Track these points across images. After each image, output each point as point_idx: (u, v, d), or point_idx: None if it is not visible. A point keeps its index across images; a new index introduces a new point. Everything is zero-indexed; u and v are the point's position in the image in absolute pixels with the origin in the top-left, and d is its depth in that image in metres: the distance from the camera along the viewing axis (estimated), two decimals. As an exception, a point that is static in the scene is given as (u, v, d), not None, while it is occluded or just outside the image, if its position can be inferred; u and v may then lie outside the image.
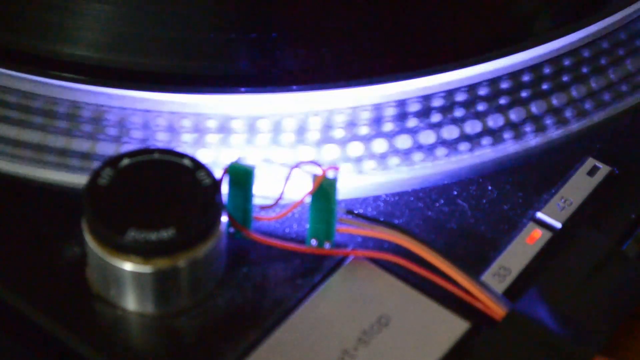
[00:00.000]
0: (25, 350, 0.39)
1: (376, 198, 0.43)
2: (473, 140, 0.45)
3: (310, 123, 0.43)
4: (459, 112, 0.45)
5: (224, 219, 0.38)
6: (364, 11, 0.46)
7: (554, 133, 0.45)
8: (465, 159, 0.44)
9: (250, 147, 0.43)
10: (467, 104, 0.45)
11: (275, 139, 0.43)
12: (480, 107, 0.45)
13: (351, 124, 0.44)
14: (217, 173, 0.39)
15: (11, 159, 0.43)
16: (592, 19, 0.47)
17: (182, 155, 0.39)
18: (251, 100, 0.43)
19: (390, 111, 0.44)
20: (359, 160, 0.43)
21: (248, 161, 0.39)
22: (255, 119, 0.43)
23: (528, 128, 0.45)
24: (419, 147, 0.44)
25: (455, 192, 0.43)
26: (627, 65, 0.48)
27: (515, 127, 0.45)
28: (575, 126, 0.46)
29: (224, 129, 0.43)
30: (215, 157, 0.43)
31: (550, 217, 0.42)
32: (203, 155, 0.43)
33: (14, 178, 0.42)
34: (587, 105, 0.46)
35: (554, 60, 0.47)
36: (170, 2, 0.45)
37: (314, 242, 0.40)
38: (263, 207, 0.40)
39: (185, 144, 0.43)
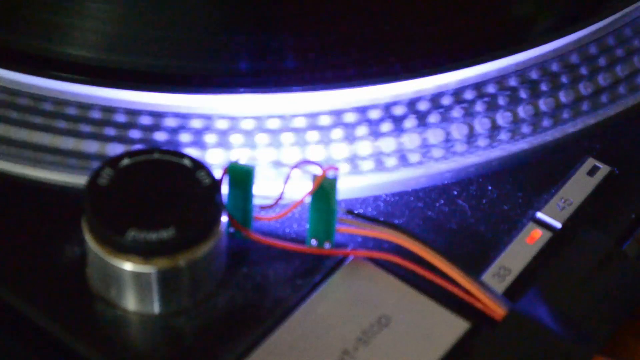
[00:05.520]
0: (25, 350, 0.39)
1: (376, 198, 0.43)
2: (473, 140, 0.44)
3: (310, 123, 0.43)
4: (459, 113, 0.45)
5: (224, 219, 0.38)
6: (368, 12, 0.46)
7: (554, 133, 0.45)
8: (466, 159, 0.44)
9: (250, 147, 0.43)
10: (467, 104, 0.45)
11: (274, 139, 0.43)
12: (480, 107, 0.45)
13: (351, 124, 0.44)
14: (217, 173, 0.39)
15: (11, 159, 0.43)
16: (595, 18, 0.47)
17: (182, 155, 0.39)
18: (251, 100, 0.43)
19: (390, 111, 0.44)
20: (359, 160, 0.43)
21: (248, 161, 0.39)
22: (254, 119, 0.43)
23: (528, 128, 0.45)
24: (419, 147, 0.44)
25: (455, 192, 0.43)
26: (627, 65, 0.48)
27: (515, 127, 0.45)
28: (575, 126, 0.46)
29: (223, 129, 0.43)
30: (214, 157, 0.43)
31: (550, 217, 0.42)
32: (202, 155, 0.43)
33: (14, 178, 0.42)
34: (587, 106, 0.46)
35: (553, 60, 0.47)
36: (180, 2, 0.46)
37: (314, 242, 0.40)
38: (263, 207, 0.40)
39: (183, 144, 0.43)
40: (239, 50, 0.44)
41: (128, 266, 0.37)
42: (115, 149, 0.43)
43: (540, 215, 0.42)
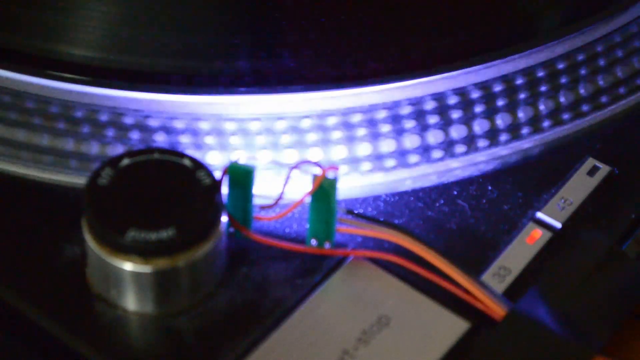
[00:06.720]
0: (26, 350, 0.39)
1: (376, 198, 0.43)
2: (473, 140, 0.45)
3: (310, 124, 0.43)
4: (459, 113, 0.45)
5: (224, 219, 0.38)
6: (367, 12, 0.46)
7: (554, 133, 0.45)
8: (466, 159, 0.44)
9: (250, 147, 0.43)
10: (467, 105, 0.45)
11: (274, 140, 0.43)
12: (480, 107, 0.45)
13: (351, 125, 0.44)
14: (217, 173, 0.39)
15: (11, 160, 0.43)
16: (598, 17, 0.47)
17: (182, 155, 0.39)
18: (250, 101, 0.43)
19: (391, 112, 0.44)
20: (359, 160, 0.43)
21: (248, 161, 0.39)
22: (255, 120, 0.43)
23: (528, 128, 0.45)
24: (419, 147, 0.44)
25: (455, 192, 0.43)
26: (627, 65, 0.48)
27: (516, 128, 0.45)
28: (575, 126, 0.46)
29: (223, 129, 0.43)
30: (214, 158, 0.43)
31: (550, 217, 0.42)
32: (202, 156, 0.43)
33: (14, 178, 0.42)
34: (587, 106, 0.46)
35: (554, 60, 0.47)
36: (174, 4, 0.45)
37: (314, 242, 0.40)
38: (263, 207, 0.40)
39: (184, 145, 0.43)
40: (238, 51, 0.44)
41: (128, 266, 0.37)
42: (115, 150, 0.43)
43: (540, 215, 0.42)
